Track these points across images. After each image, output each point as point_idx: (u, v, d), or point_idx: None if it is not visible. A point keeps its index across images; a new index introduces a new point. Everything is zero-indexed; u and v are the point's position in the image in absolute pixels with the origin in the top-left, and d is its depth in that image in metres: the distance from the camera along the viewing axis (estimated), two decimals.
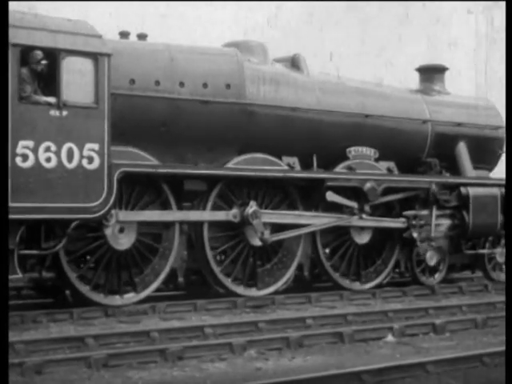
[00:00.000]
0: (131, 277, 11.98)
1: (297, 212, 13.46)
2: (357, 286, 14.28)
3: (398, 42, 22.56)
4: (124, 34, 12.67)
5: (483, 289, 15.41)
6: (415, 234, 14.62)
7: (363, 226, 14.19)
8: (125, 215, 11.76)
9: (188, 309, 11.91)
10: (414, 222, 14.65)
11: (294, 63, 14.19)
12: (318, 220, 13.55)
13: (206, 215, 12.58)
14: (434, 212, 14.76)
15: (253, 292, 13.12)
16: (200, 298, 12.34)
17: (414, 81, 16.54)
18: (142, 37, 12.83)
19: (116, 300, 11.83)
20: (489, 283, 15.71)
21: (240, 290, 12.99)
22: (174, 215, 12.29)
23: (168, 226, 12.34)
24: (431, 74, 16.44)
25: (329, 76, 14.58)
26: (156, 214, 12.17)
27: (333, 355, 8.93)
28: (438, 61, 16.90)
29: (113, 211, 11.51)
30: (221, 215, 12.73)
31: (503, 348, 8.30)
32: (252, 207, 12.71)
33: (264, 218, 12.89)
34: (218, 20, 21.82)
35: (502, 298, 12.73)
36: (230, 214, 12.78)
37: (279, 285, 13.40)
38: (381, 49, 22.51)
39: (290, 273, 13.52)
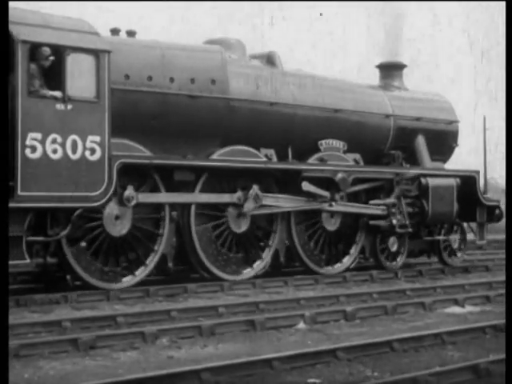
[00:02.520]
0: (128, 261, 12.66)
1: (290, 196, 14.47)
2: (328, 270, 15.20)
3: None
4: (115, 31, 13.26)
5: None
6: (394, 221, 15.62)
7: (348, 211, 15.22)
8: (143, 197, 12.60)
9: (100, 298, 11.88)
10: (393, 210, 15.65)
11: (269, 60, 15.00)
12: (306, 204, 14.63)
13: (214, 197, 13.53)
14: (403, 201, 15.78)
15: (233, 277, 13.91)
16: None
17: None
18: (131, 34, 13.44)
19: (112, 284, 12.47)
20: (444, 267, 16.86)
21: (221, 274, 13.76)
22: (186, 197, 13.20)
23: (159, 212, 13.05)
24: (391, 70, 17.46)
25: (301, 72, 15.43)
26: (171, 195, 13.00)
27: (245, 343, 8.93)
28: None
29: (133, 193, 12.35)
30: (226, 197, 13.67)
31: (413, 334, 8.92)
32: (255, 190, 13.65)
33: (264, 201, 13.93)
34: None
35: (411, 286, 13.87)
36: (235, 197, 13.68)
37: (257, 270, 14.25)
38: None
39: (266, 258, 14.39)
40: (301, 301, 11.69)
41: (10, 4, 11.90)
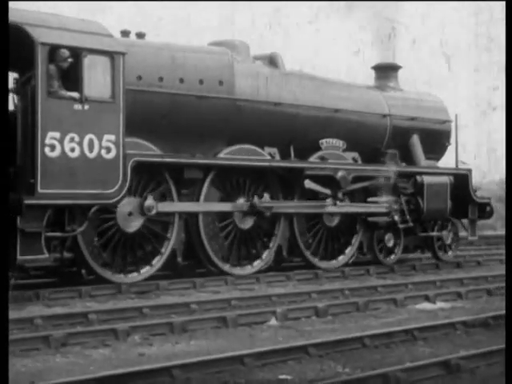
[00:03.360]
0: (141, 256, 13.09)
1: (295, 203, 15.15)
2: (328, 264, 15.71)
3: None
4: (125, 33, 13.65)
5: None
6: (396, 217, 16.16)
7: (353, 211, 15.84)
8: (162, 206, 13.13)
9: (72, 295, 11.83)
10: (395, 207, 16.18)
11: (271, 61, 15.46)
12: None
13: (229, 206, 14.17)
14: (403, 198, 16.32)
15: (237, 271, 14.38)
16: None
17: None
18: (140, 35, 13.84)
19: (124, 278, 12.90)
20: (438, 262, 17.43)
21: (227, 268, 14.23)
22: (200, 207, 13.84)
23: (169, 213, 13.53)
24: (386, 71, 17.98)
25: (302, 73, 15.92)
26: (187, 205, 13.61)
27: (216, 340, 8.95)
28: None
29: (153, 203, 12.88)
30: (241, 205, 14.28)
31: (384, 330, 8.97)
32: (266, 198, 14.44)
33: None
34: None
35: (383, 282, 14.04)
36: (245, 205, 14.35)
37: (262, 264, 14.72)
38: None
39: (271, 253, 14.87)
40: (272, 297, 11.74)
41: (30, 7, 12.38)
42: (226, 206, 14.14)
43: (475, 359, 7.58)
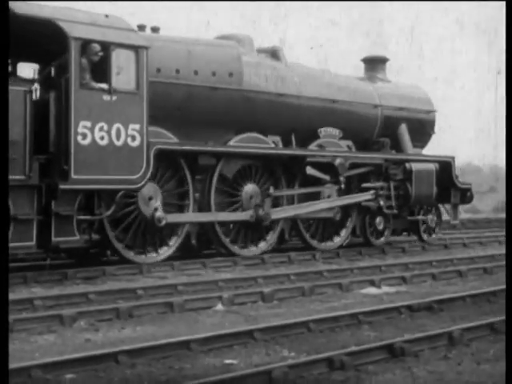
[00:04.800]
0: (159, 238, 13.96)
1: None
2: (325, 245, 16.70)
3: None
4: (141, 27, 14.40)
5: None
6: (382, 202, 17.19)
7: (342, 204, 16.72)
8: (171, 217, 13.97)
9: (18, 281, 11.69)
10: (381, 193, 17.21)
11: (273, 54, 16.37)
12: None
13: (234, 216, 15.14)
14: (392, 184, 17.36)
15: (245, 252, 15.29)
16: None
17: None
18: (155, 30, 14.62)
19: (145, 258, 13.74)
20: (424, 244, 18.56)
21: (235, 249, 15.15)
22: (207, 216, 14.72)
23: (183, 197, 14.36)
24: (375, 64, 18.99)
25: (302, 65, 16.86)
26: (198, 215, 14.50)
27: (163, 325, 8.91)
28: None
29: (163, 215, 13.69)
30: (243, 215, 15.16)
31: (329, 314, 9.04)
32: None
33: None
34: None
35: (329, 267, 14.04)
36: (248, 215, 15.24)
37: (267, 245, 15.68)
38: None
39: (274, 236, 15.82)
40: (219, 283, 11.77)
41: (62, 3, 13.09)
42: (231, 216, 14.98)
43: (419, 343, 7.62)
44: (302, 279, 12.54)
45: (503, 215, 29.56)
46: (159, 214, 13.70)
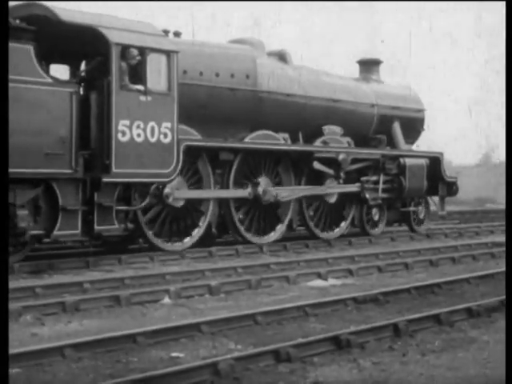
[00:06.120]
0: (183, 228, 15.17)
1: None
2: (327, 235, 18.02)
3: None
4: (165, 32, 15.52)
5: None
6: (367, 195, 18.54)
7: (333, 192, 18.00)
8: (177, 193, 14.90)
9: None
10: (366, 186, 18.57)
11: (281, 57, 17.64)
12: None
13: (226, 193, 15.96)
14: (382, 178, 18.72)
15: (257, 240, 16.54)
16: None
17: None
18: (177, 34, 15.77)
19: (171, 246, 14.91)
20: (413, 234, 19.98)
21: (249, 237, 16.38)
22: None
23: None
24: (369, 65, 20.36)
25: (307, 67, 18.16)
26: (201, 191, 15.49)
27: (109, 318, 8.87)
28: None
29: (169, 191, 14.62)
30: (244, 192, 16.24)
31: (276, 307, 9.00)
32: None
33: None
34: None
35: (276, 260, 14.17)
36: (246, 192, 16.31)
37: (277, 235, 16.94)
38: None
39: (284, 225, 17.10)
40: (166, 276, 11.78)
41: (100, 11, 14.17)
42: (230, 193, 15.94)
43: (365, 334, 7.66)
44: (249, 272, 12.62)
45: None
46: (167, 190, 14.69)
